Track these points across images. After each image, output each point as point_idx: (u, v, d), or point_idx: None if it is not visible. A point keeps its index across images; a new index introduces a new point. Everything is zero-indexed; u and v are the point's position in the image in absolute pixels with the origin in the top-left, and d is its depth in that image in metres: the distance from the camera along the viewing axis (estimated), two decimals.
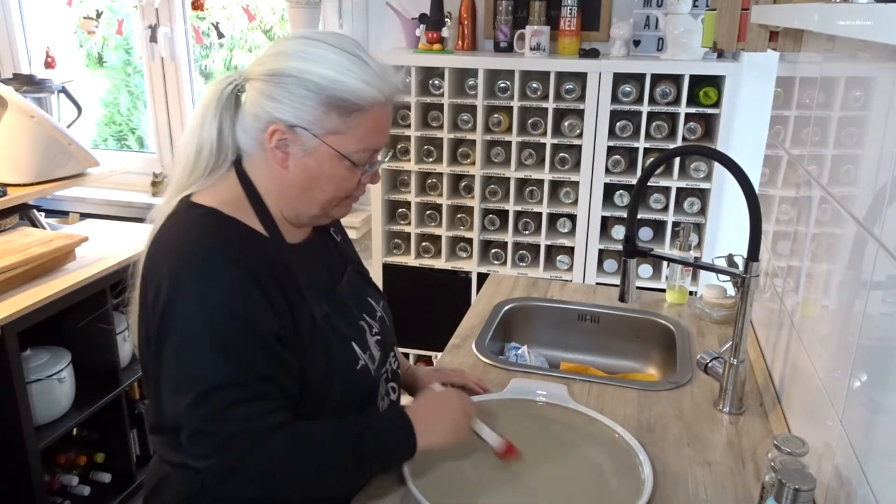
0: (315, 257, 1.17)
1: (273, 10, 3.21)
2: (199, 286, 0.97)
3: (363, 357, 1.13)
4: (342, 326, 1.12)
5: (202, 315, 0.97)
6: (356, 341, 1.13)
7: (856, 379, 0.93)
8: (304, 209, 1.09)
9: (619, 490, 1.13)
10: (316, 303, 1.08)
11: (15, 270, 1.95)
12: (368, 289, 1.26)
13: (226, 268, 0.98)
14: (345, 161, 1.04)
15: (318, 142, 1.03)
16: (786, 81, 1.60)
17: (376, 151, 1.09)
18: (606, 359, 1.79)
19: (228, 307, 0.97)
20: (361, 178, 1.08)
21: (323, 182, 1.06)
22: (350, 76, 1.01)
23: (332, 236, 1.26)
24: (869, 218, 0.93)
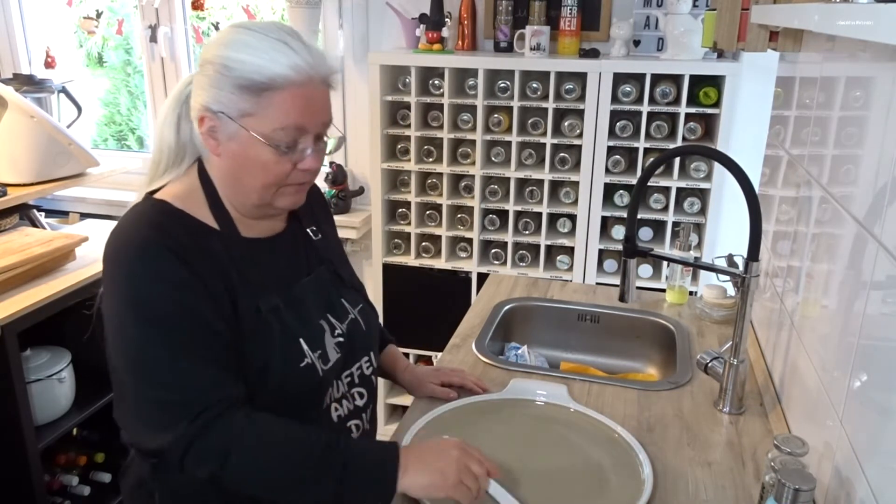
0: (275, 253, 1.15)
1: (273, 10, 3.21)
2: (128, 268, 1.01)
3: (310, 355, 1.10)
4: (291, 322, 1.10)
5: (135, 295, 1.00)
6: (306, 339, 1.11)
7: (856, 379, 0.93)
8: (243, 198, 1.09)
9: (619, 490, 1.13)
10: (264, 295, 1.08)
11: (15, 270, 1.95)
12: (344, 290, 1.23)
13: (158, 252, 1.00)
14: (265, 145, 1.02)
15: (236, 125, 1.02)
16: (786, 81, 1.60)
17: (300, 132, 1.04)
18: (606, 359, 1.79)
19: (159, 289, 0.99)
20: (296, 164, 1.05)
21: (250, 167, 1.04)
22: (261, 57, 1.00)
23: (310, 235, 1.23)
24: (869, 218, 0.93)
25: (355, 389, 1.21)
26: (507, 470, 1.17)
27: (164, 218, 1.05)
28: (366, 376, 1.23)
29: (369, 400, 1.25)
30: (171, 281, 1.00)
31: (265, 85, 1.00)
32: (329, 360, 1.14)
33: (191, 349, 0.99)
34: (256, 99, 1.01)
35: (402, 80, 2.60)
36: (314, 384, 1.11)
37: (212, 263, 1.04)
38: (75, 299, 2.03)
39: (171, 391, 0.99)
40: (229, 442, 0.98)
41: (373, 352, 1.26)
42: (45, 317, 1.94)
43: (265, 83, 1.00)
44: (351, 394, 1.20)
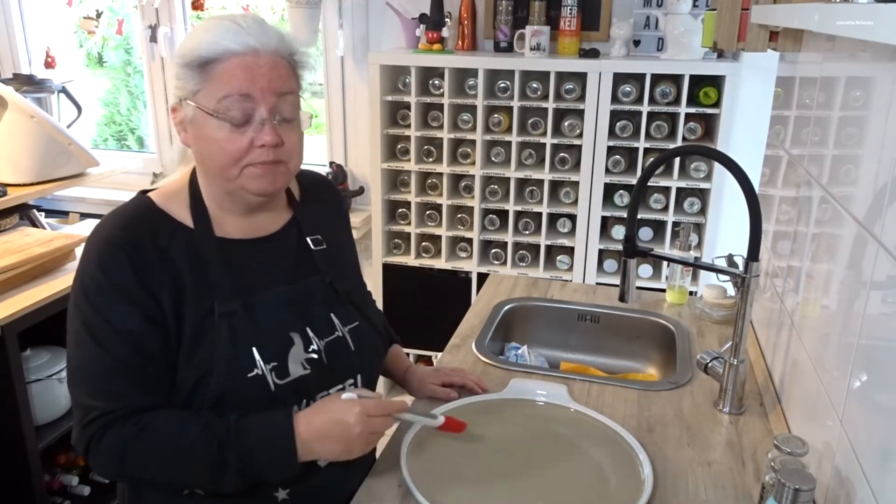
0: (253, 256, 1.12)
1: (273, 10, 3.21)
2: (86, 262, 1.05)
3: (262, 367, 1.05)
4: (245, 328, 1.06)
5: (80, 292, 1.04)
6: (261, 348, 1.06)
7: (856, 379, 0.93)
8: (215, 186, 1.09)
9: (619, 490, 1.13)
10: (222, 298, 1.05)
11: (15, 270, 1.96)
12: (337, 306, 1.16)
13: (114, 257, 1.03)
14: (211, 117, 1.01)
15: (191, 106, 1.03)
16: (786, 81, 1.60)
17: (246, 100, 1.01)
18: (606, 359, 1.79)
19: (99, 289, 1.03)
20: (253, 138, 1.02)
21: (209, 148, 1.04)
22: (203, 35, 1.02)
23: (309, 244, 1.18)
24: (869, 218, 0.93)
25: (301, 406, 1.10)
26: (508, 470, 1.17)
27: (138, 215, 1.08)
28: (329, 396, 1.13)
29: None
30: (113, 288, 1.02)
31: (207, 59, 1.01)
32: (288, 375, 1.07)
33: (108, 356, 1.02)
34: (201, 74, 1.02)
35: (402, 80, 2.60)
36: (264, 398, 1.05)
37: (165, 264, 1.04)
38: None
39: (81, 391, 1.04)
40: (120, 449, 1.01)
41: (361, 376, 1.17)
42: (45, 317, 1.94)
43: (207, 57, 1.01)
44: None
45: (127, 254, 1.02)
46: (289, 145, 1.06)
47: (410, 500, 1.09)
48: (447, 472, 1.15)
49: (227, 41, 1.01)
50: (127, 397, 1.02)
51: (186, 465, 1.02)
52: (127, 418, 1.02)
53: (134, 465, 1.03)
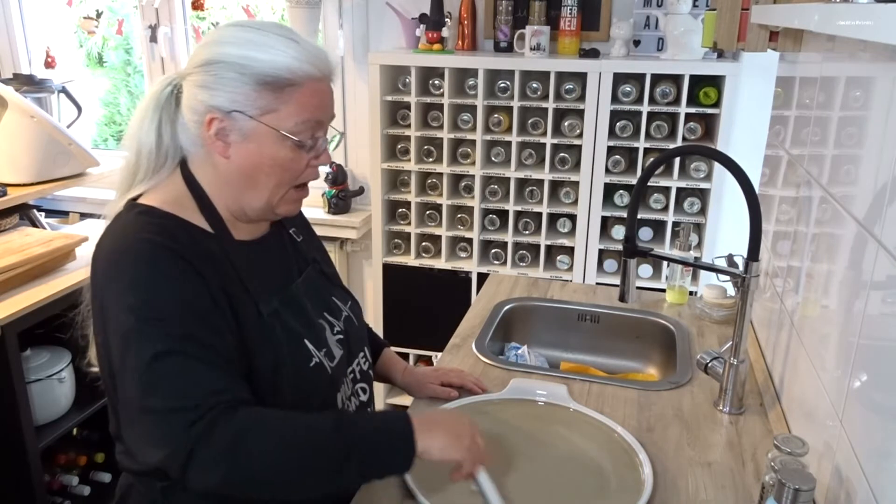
0: (267, 255, 1.14)
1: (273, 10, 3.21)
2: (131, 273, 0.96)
3: (317, 355, 1.10)
4: (293, 323, 1.09)
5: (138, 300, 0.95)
6: (310, 339, 1.10)
7: (856, 379, 0.93)
8: (249, 201, 1.06)
9: (619, 490, 1.13)
10: (263, 299, 1.06)
11: (15, 270, 1.96)
12: (333, 289, 1.24)
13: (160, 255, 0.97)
14: (286, 139, 1.02)
15: (254, 123, 1.01)
16: (786, 81, 1.60)
17: (318, 125, 1.05)
18: (606, 359, 1.79)
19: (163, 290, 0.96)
20: (309, 159, 1.06)
21: (266, 166, 1.03)
22: (278, 54, 1.00)
23: (293, 236, 1.22)
24: (869, 218, 0.93)
25: (358, 385, 1.21)
26: (507, 470, 1.17)
27: (161, 222, 1.02)
28: (364, 371, 1.23)
29: (370, 396, 1.25)
30: (175, 279, 0.96)
31: (287, 81, 1.01)
32: (335, 358, 1.14)
33: (195, 349, 0.94)
34: (278, 95, 1.01)
35: (402, 80, 2.60)
36: (326, 383, 1.11)
37: (213, 267, 1.01)
38: (75, 299, 2.02)
39: (170, 398, 0.92)
40: (232, 444, 0.91)
41: (367, 347, 1.26)
42: (45, 317, 1.95)
43: (288, 79, 1.01)
44: (355, 390, 1.20)
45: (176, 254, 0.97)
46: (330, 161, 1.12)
47: (410, 500, 1.09)
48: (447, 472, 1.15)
49: (303, 63, 1.01)
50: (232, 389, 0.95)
51: (314, 455, 0.95)
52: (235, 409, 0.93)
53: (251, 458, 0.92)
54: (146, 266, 0.97)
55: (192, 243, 1.01)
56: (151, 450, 0.93)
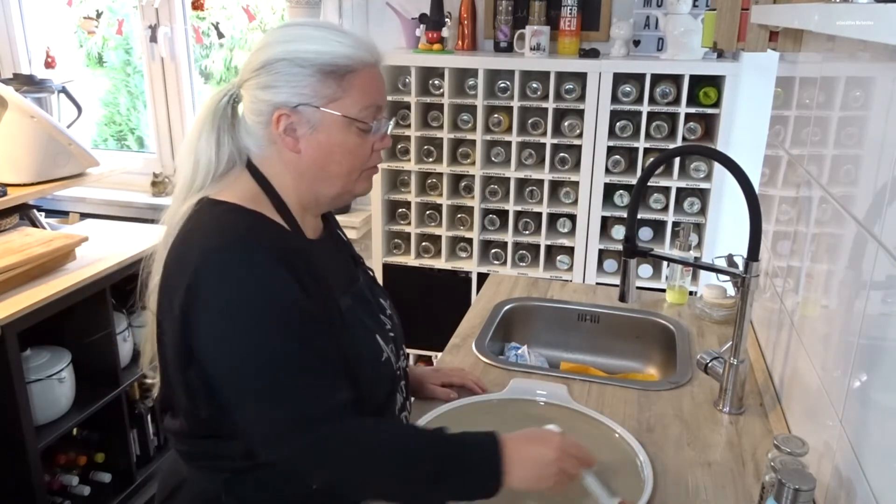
0: (331, 253, 1.19)
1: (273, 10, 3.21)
2: (235, 273, 0.97)
3: (386, 349, 1.14)
4: (366, 319, 1.14)
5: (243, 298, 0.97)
6: (379, 334, 1.14)
7: (856, 379, 0.93)
8: (325, 190, 1.10)
9: (619, 490, 1.13)
10: (340, 295, 1.11)
11: (15, 270, 1.95)
12: (376, 287, 1.28)
13: (261, 255, 0.99)
14: (353, 124, 1.05)
15: (321, 113, 1.04)
16: (786, 81, 1.60)
17: (378, 109, 1.08)
18: (606, 359, 1.79)
19: (269, 290, 0.98)
20: (374, 143, 1.09)
21: (337, 154, 1.07)
22: (334, 44, 1.04)
23: (342, 234, 1.27)
24: (869, 218, 0.93)
25: (401, 383, 1.22)
26: None
27: (251, 220, 1.04)
28: (404, 370, 1.26)
29: (409, 393, 1.27)
30: (282, 282, 0.98)
31: (348, 67, 1.04)
32: (396, 354, 1.18)
33: (311, 356, 0.99)
34: (340, 82, 1.04)
35: (402, 80, 2.60)
36: (393, 378, 1.16)
37: (299, 264, 1.03)
38: (75, 299, 2.03)
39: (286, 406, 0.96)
40: (340, 451, 0.97)
41: (404, 344, 1.29)
42: (45, 317, 1.94)
43: (348, 65, 1.04)
44: (400, 387, 1.22)
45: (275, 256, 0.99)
46: None
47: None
48: None
49: (359, 50, 1.04)
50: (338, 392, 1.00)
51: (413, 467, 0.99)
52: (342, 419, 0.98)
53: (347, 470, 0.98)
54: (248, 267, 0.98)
55: (282, 241, 1.04)
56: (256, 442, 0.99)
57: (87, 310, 2.11)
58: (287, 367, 0.97)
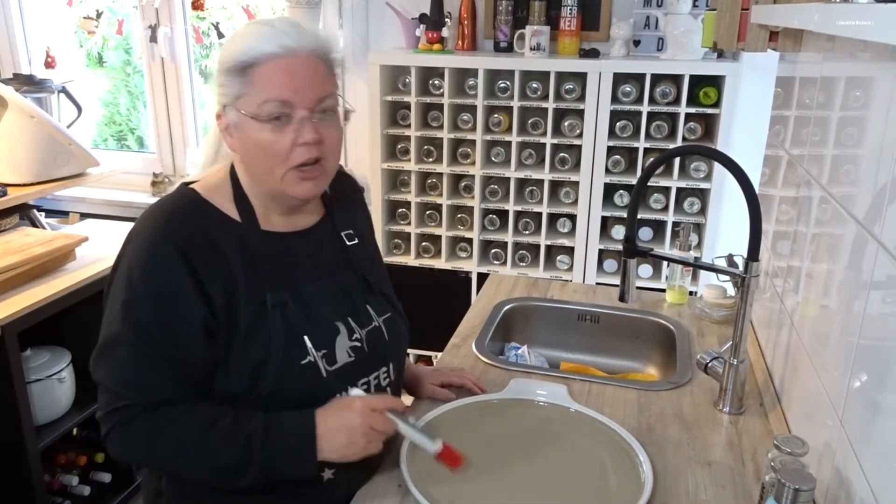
0: (297, 248, 1.16)
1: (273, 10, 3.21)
2: (134, 255, 1.06)
3: (314, 354, 1.11)
4: (297, 318, 1.11)
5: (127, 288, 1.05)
6: (312, 337, 1.11)
7: (856, 379, 0.93)
8: (260, 187, 1.11)
9: (619, 490, 1.13)
10: (274, 289, 1.09)
11: (15, 270, 1.95)
12: (371, 297, 1.22)
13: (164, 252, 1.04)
14: (255, 121, 1.04)
15: (234, 111, 1.06)
16: (786, 81, 1.60)
17: (287, 105, 1.04)
18: (606, 359, 1.79)
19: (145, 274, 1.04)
20: (295, 140, 1.05)
21: (255, 151, 1.07)
22: (240, 40, 1.05)
23: (343, 238, 1.23)
24: (869, 218, 0.93)
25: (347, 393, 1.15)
26: (507, 470, 1.17)
27: (186, 208, 1.10)
28: (381, 388, 1.20)
29: None
30: (164, 285, 1.04)
31: (246, 63, 1.03)
32: (336, 362, 1.13)
33: (147, 353, 1.04)
34: (243, 78, 1.04)
35: (402, 80, 2.60)
36: (317, 384, 1.11)
37: (216, 257, 1.06)
38: (75, 299, 2.03)
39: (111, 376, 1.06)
40: (148, 439, 1.05)
41: (393, 364, 1.23)
42: (45, 317, 1.94)
43: (247, 61, 1.03)
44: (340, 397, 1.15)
45: (177, 250, 1.04)
46: (328, 142, 1.09)
47: (410, 499, 1.09)
48: (447, 472, 1.15)
49: (265, 44, 1.03)
50: (158, 391, 1.06)
51: (212, 458, 1.05)
52: (156, 408, 1.05)
53: (160, 454, 1.06)
54: (146, 257, 1.05)
55: (203, 233, 1.07)
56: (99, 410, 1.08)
57: (87, 310, 2.11)
58: (121, 351, 1.05)
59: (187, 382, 1.07)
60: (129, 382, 1.05)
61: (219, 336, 1.06)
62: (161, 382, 1.06)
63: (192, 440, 1.05)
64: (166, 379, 1.06)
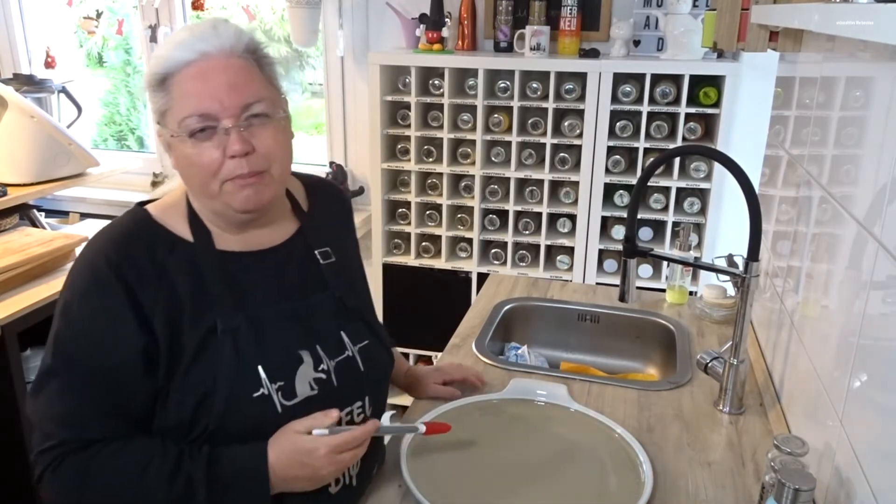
0: (256, 269, 1.06)
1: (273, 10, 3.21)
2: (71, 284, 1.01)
3: (268, 386, 0.99)
4: (250, 346, 1.00)
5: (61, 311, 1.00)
6: (267, 367, 1.00)
7: (856, 379, 0.93)
8: (205, 202, 1.03)
9: (619, 490, 1.13)
10: (225, 314, 1.00)
11: (15, 270, 1.96)
12: (347, 322, 1.11)
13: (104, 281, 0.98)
14: (177, 136, 0.97)
15: (163, 129, 1.00)
16: (786, 81, 1.60)
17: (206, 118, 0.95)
18: (606, 359, 1.79)
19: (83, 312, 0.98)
20: (223, 151, 0.96)
21: (186, 167, 0.99)
22: (159, 50, 0.98)
23: (317, 257, 1.12)
24: (869, 218, 0.93)
25: None
26: (507, 470, 1.17)
27: (134, 229, 1.02)
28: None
29: None
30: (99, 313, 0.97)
31: (163, 74, 0.96)
32: (295, 396, 1.02)
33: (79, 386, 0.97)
34: (163, 92, 0.97)
35: (402, 80, 2.60)
36: (270, 420, 0.99)
37: (162, 281, 0.98)
38: None
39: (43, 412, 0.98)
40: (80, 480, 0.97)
41: (369, 397, 1.12)
42: (46, 317, 1.94)
43: (163, 73, 0.96)
44: None
45: (116, 276, 0.96)
46: (264, 150, 0.98)
47: (410, 499, 1.09)
48: (447, 472, 1.15)
49: (180, 51, 0.95)
50: (92, 429, 0.98)
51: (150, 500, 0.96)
52: (88, 447, 0.97)
53: (91, 499, 0.97)
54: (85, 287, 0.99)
55: (150, 257, 0.99)
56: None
57: None
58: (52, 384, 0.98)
59: (124, 417, 0.98)
60: (59, 418, 0.97)
61: (161, 365, 0.98)
62: (93, 417, 0.97)
63: (126, 484, 0.96)
64: (99, 413, 0.97)
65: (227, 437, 0.98)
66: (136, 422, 1.00)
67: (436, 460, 1.17)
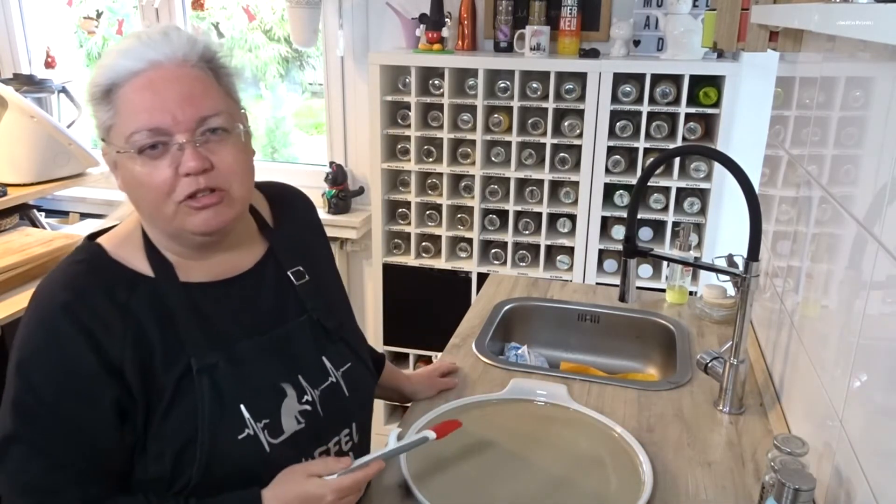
0: (229, 301, 0.98)
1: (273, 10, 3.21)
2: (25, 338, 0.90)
3: (253, 426, 0.92)
4: (230, 384, 0.93)
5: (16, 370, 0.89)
6: (250, 405, 0.93)
7: (856, 379, 0.93)
8: (159, 227, 0.94)
9: (619, 490, 1.13)
10: (200, 351, 0.92)
11: (15, 270, 1.96)
12: (328, 346, 1.04)
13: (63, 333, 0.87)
14: (124, 153, 0.88)
15: (109, 146, 0.91)
16: (786, 81, 1.60)
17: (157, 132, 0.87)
18: (606, 359, 1.79)
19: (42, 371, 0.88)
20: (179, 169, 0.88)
21: (135, 188, 0.90)
22: (103, 59, 0.89)
23: (290, 278, 1.04)
24: (869, 218, 0.93)
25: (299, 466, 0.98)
26: (507, 470, 1.17)
27: (89, 269, 0.92)
28: (343, 454, 1.03)
29: None
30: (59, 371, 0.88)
31: (108, 85, 0.88)
32: (282, 432, 0.95)
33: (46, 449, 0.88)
34: (108, 105, 0.88)
35: (402, 80, 2.60)
36: (259, 462, 0.93)
37: (126, 323, 0.89)
38: None
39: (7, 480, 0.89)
40: None
41: (356, 423, 1.06)
42: None
43: (107, 84, 0.88)
44: None
45: (75, 325, 0.87)
46: (223, 167, 0.90)
47: (410, 499, 1.09)
48: (447, 471, 1.15)
49: (128, 60, 0.87)
50: (66, 496, 0.89)
51: None
52: None
53: None
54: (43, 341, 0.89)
55: (109, 301, 0.90)
56: None
57: None
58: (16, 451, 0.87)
59: (100, 479, 0.90)
60: (29, 488, 0.88)
61: (136, 415, 0.89)
62: (67, 483, 0.88)
63: None
64: (73, 478, 0.88)
65: (213, 485, 0.91)
66: (116, 480, 0.92)
67: (436, 460, 1.17)
